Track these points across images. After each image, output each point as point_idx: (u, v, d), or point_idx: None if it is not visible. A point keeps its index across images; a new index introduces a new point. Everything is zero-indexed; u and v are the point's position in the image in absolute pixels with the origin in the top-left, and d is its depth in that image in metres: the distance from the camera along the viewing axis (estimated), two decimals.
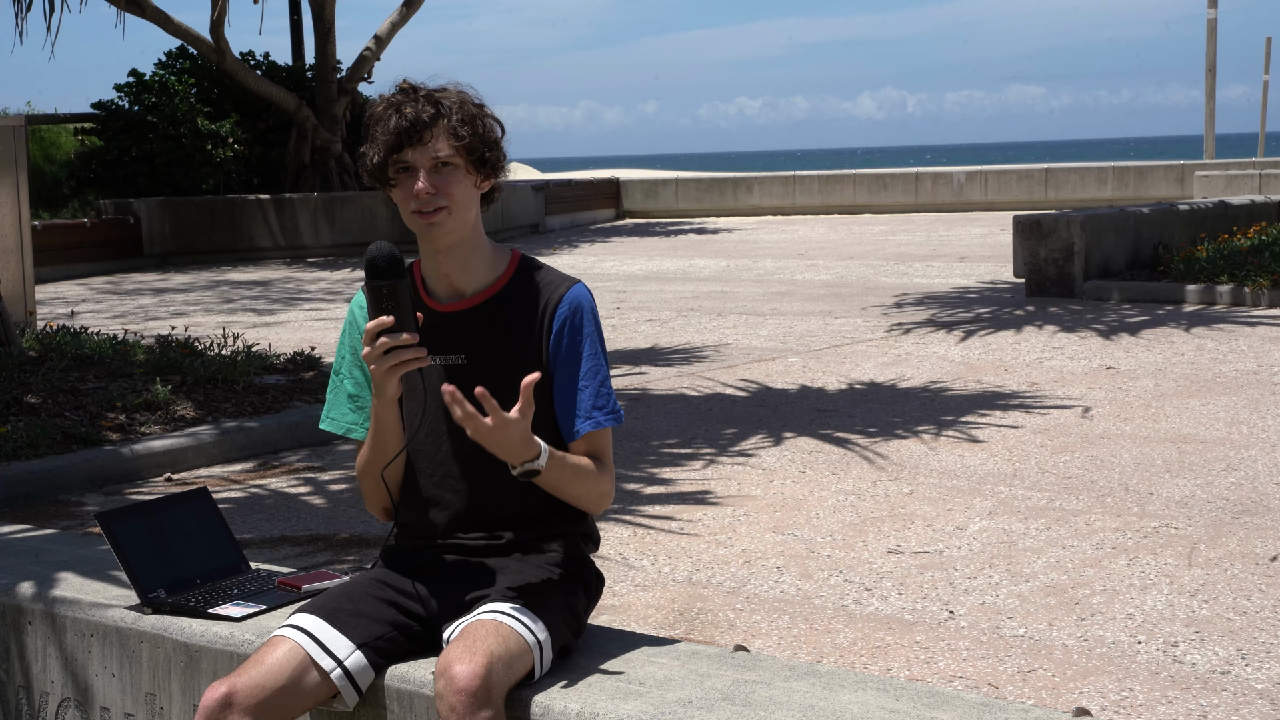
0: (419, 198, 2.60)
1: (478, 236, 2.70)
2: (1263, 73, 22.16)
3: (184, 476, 6.09)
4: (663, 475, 5.87)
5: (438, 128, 2.59)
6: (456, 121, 2.60)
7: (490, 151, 2.65)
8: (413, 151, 2.59)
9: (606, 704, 2.39)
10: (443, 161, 2.60)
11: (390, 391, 2.58)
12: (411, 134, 2.58)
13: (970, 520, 5.07)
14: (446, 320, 2.67)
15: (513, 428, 2.45)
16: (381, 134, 2.60)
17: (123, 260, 16.27)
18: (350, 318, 2.80)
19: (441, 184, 2.60)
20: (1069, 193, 20.62)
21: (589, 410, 2.67)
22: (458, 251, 2.67)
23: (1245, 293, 10.23)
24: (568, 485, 2.62)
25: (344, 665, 2.55)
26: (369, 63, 18.60)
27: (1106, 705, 3.44)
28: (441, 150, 2.60)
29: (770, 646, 3.88)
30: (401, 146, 2.59)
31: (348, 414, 2.80)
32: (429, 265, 2.70)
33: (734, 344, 9.33)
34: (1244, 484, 5.46)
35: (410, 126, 2.58)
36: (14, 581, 3.22)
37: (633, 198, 23.00)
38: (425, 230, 2.63)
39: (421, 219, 2.61)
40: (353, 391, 2.79)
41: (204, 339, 8.31)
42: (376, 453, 2.70)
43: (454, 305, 2.69)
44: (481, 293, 2.68)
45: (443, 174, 2.61)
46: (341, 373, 2.81)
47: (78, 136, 18.68)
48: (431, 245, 2.66)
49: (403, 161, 2.60)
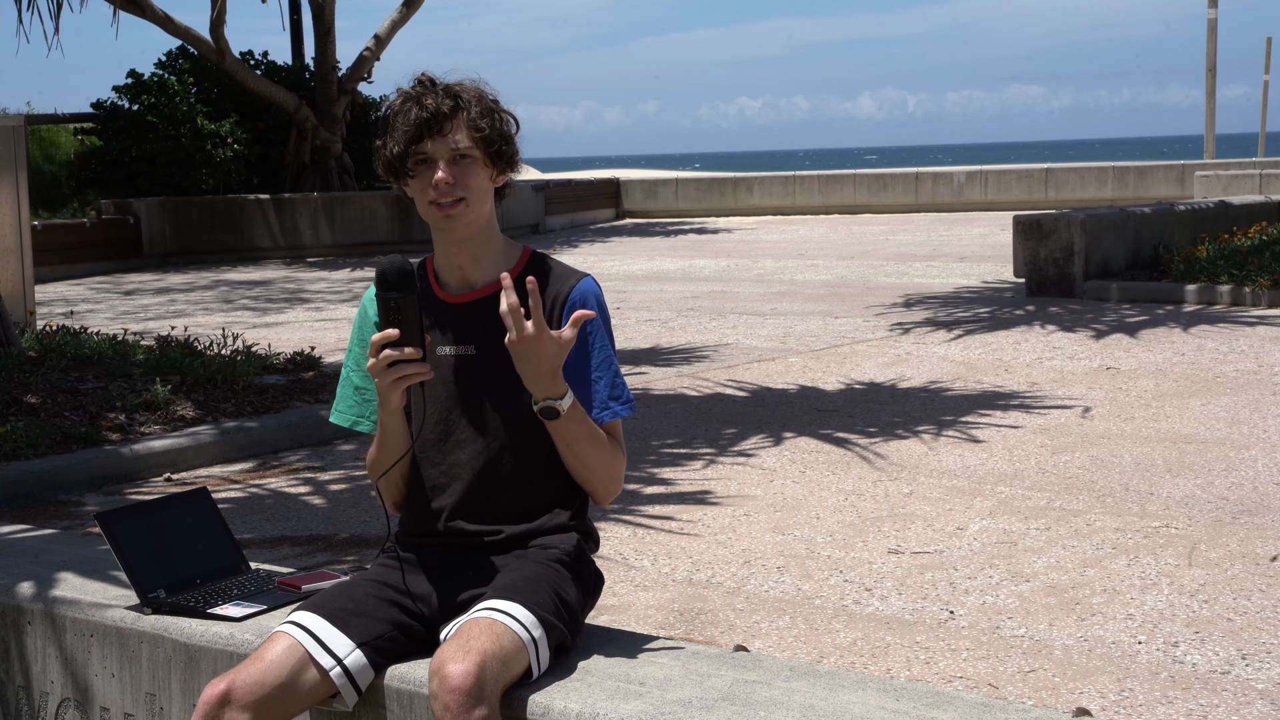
0: (438, 188, 2.61)
1: (491, 230, 2.73)
2: (1263, 73, 22.17)
3: (184, 476, 6.09)
4: (663, 475, 5.87)
5: (458, 119, 2.62)
6: (476, 114, 2.63)
7: (506, 145, 2.68)
8: (432, 143, 2.61)
9: (606, 704, 2.39)
10: (461, 153, 2.62)
11: (394, 402, 2.59)
12: (432, 125, 2.60)
13: (970, 520, 5.07)
14: (457, 311, 2.70)
15: (548, 344, 2.48)
16: (401, 125, 2.61)
17: (122, 260, 16.27)
18: (362, 311, 2.82)
19: (460, 175, 2.62)
20: (1069, 193, 20.63)
21: (605, 401, 2.69)
22: (471, 244, 2.69)
23: (1245, 293, 10.23)
24: (584, 444, 2.63)
25: (344, 664, 2.55)
26: (369, 63, 18.60)
27: (1106, 705, 3.44)
28: (461, 142, 2.62)
29: (770, 646, 3.88)
30: (421, 137, 2.60)
31: (354, 406, 2.83)
32: (442, 257, 2.72)
33: (734, 344, 9.33)
34: (1244, 484, 5.46)
35: (431, 118, 2.60)
36: (14, 581, 3.22)
37: (633, 198, 23.00)
38: (443, 221, 2.65)
39: (439, 210, 2.63)
40: (359, 384, 2.82)
41: (204, 339, 8.31)
42: (382, 453, 2.72)
43: (464, 296, 2.71)
44: (492, 284, 2.69)
45: (461, 166, 2.63)
46: (349, 365, 2.84)
47: (77, 136, 18.69)
48: (447, 236, 2.68)
49: (422, 153, 2.62)
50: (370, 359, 2.53)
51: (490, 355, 2.67)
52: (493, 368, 2.67)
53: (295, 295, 13.18)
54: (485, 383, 2.69)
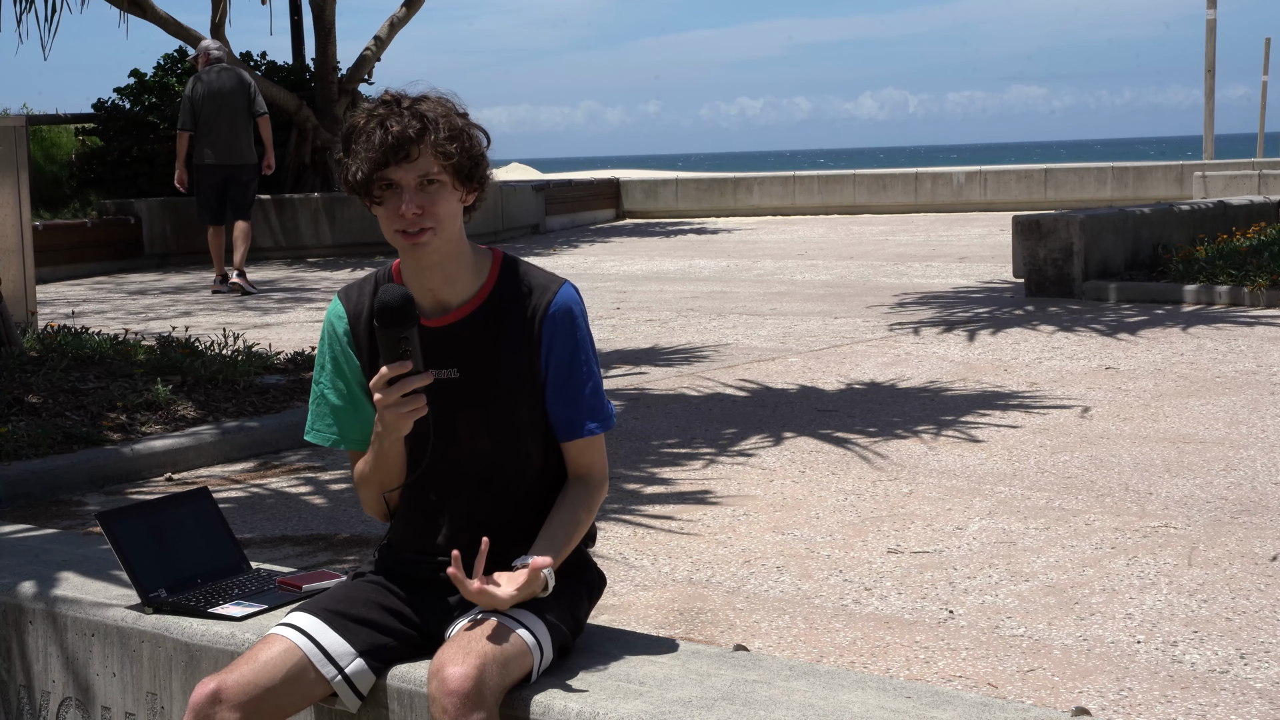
0: (404, 218, 2.53)
1: (461, 248, 2.65)
2: (1262, 73, 22.15)
3: (185, 476, 6.10)
4: (663, 475, 5.87)
5: (424, 144, 2.52)
6: (444, 138, 2.54)
7: (475, 167, 2.59)
8: (398, 170, 2.52)
9: (606, 703, 2.39)
10: (430, 179, 2.54)
11: (405, 431, 2.55)
12: (398, 151, 2.51)
13: (970, 520, 5.07)
14: (435, 335, 2.62)
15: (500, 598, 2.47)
16: (365, 149, 2.53)
17: (124, 260, 16.26)
18: (328, 327, 2.74)
19: (427, 203, 2.54)
20: (1068, 193, 20.62)
21: (583, 420, 2.65)
22: (443, 266, 2.62)
23: (1244, 293, 10.24)
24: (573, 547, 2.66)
25: (345, 672, 2.54)
26: (369, 63, 18.59)
27: (1106, 705, 3.45)
28: (430, 168, 2.53)
29: (770, 646, 3.88)
30: (387, 163, 2.52)
31: (332, 425, 2.76)
32: (413, 281, 2.64)
33: (734, 344, 9.33)
34: (1243, 484, 5.46)
35: (396, 144, 2.51)
36: (15, 581, 3.23)
37: (633, 198, 22.99)
38: (410, 250, 2.57)
39: (406, 239, 2.55)
40: (335, 403, 2.75)
41: (204, 339, 8.32)
42: (378, 473, 2.66)
43: (441, 320, 2.65)
44: (467, 304, 2.64)
45: (428, 192, 2.54)
46: (322, 382, 2.76)
47: (78, 137, 18.68)
48: (416, 264, 2.61)
49: (387, 179, 2.53)
50: (379, 394, 2.48)
51: (473, 376, 2.63)
52: (477, 387, 2.63)
53: (295, 295, 13.18)
54: (472, 403, 2.64)
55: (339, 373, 2.74)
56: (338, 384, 2.74)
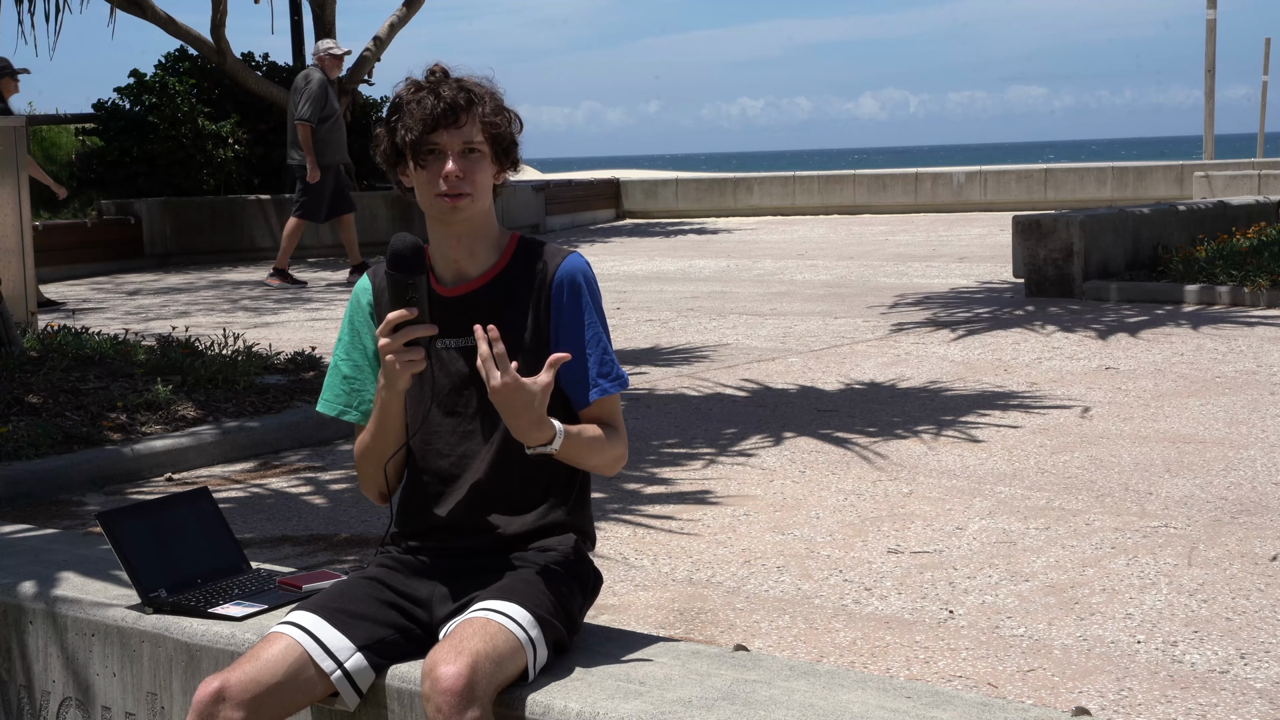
0: (448, 180, 2.63)
1: (489, 222, 2.75)
2: (1262, 73, 22.15)
3: (185, 476, 6.10)
4: (663, 475, 5.87)
5: (471, 113, 2.65)
6: (490, 110, 2.67)
7: (513, 145, 2.72)
8: (446, 134, 2.63)
9: (606, 703, 2.39)
10: (472, 148, 2.65)
11: (402, 383, 2.60)
12: (447, 116, 2.63)
13: (970, 520, 5.07)
14: (456, 304, 2.71)
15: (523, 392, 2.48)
16: (416, 113, 2.63)
17: (124, 260, 16.26)
18: (353, 300, 2.83)
19: (468, 169, 2.65)
20: (1068, 193, 20.62)
21: (595, 378, 2.71)
22: (469, 238, 2.72)
23: (1244, 293, 10.24)
24: (585, 458, 2.66)
25: (344, 667, 2.55)
26: (369, 63, 18.59)
27: (1106, 705, 3.45)
28: (474, 136, 2.65)
29: (770, 646, 3.88)
30: (436, 128, 2.63)
31: (341, 396, 2.83)
32: (437, 250, 2.74)
33: (734, 344, 9.33)
34: (1243, 484, 5.46)
35: (447, 109, 2.62)
36: (15, 581, 3.23)
37: (633, 198, 22.99)
38: (448, 213, 2.67)
39: (447, 201, 2.65)
40: (347, 373, 2.83)
41: (205, 339, 8.32)
42: (378, 440, 2.72)
43: (461, 289, 2.73)
44: (484, 274, 2.73)
45: (470, 160, 2.66)
46: (338, 354, 2.85)
47: (79, 137, 18.68)
48: (448, 229, 2.70)
49: (433, 144, 2.64)
50: (384, 339, 2.54)
51: None
52: None
53: (295, 295, 13.19)
54: None
55: (355, 343, 2.83)
56: (353, 354, 2.82)
